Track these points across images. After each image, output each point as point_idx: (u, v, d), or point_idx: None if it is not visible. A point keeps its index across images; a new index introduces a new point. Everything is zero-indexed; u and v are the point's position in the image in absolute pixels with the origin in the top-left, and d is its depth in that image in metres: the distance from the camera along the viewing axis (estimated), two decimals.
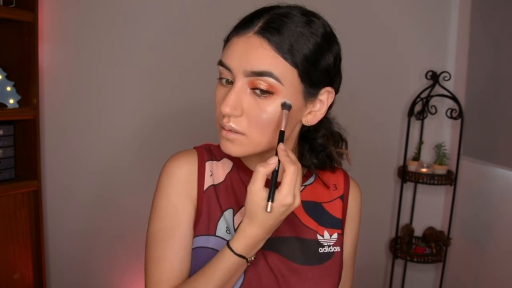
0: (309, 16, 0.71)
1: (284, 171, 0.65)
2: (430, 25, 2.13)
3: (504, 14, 1.76)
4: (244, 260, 0.70)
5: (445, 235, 2.08)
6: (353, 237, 0.89)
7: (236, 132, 0.70)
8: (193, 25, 1.93)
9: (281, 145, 0.66)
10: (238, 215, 0.79)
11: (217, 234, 0.77)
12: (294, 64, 0.69)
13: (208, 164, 0.81)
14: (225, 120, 0.70)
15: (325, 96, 0.75)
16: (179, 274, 0.76)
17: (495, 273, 1.82)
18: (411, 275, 2.24)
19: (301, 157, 0.84)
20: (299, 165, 0.66)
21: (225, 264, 0.70)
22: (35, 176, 1.74)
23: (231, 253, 0.69)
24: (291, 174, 0.64)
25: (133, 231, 1.93)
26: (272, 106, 0.69)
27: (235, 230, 0.77)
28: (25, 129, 1.74)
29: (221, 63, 0.72)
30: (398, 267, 2.23)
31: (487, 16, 1.89)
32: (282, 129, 0.68)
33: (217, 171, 0.82)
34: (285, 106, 0.69)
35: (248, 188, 0.66)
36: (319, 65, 0.71)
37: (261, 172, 0.65)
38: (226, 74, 0.72)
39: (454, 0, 2.11)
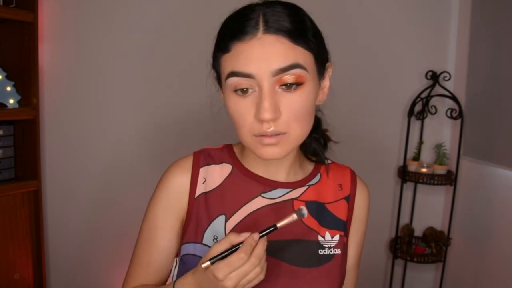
0: (291, 5, 0.72)
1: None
2: (430, 25, 2.13)
3: (504, 14, 1.76)
4: None
5: (445, 235, 2.08)
6: (358, 238, 0.88)
7: (278, 133, 0.69)
8: (194, 26, 1.93)
9: (254, 236, 0.66)
10: (230, 221, 0.78)
11: (203, 242, 0.78)
12: (310, 49, 0.70)
13: (202, 170, 0.81)
14: (265, 126, 0.68)
15: (327, 71, 0.77)
16: (147, 276, 0.80)
17: (495, 273, 1.82)
18: (411, 275, 2.24)
19: (301, 146, 0.83)
20: (254, 262, 0.64)
21: None
22: (35, 176, 1.74)
23: None
24: (236, 259, 0.64)
25: (133, 231, 1.92)
26: (302, 96, 0.69)
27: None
28: (25, 129, 1.74)
29: (237, 74, 0.68)
30: (398, 267, 2.23)
31: (487, 16, 1.89)
32: (278, 226, 0.68)
33: (212, 176, 0.81)
34: (300, 213, 0.69)
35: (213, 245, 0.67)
36: (323, 44, 0.75)
37: (229, 239, 0.66)
38: (245, 84, 0.68)
39: (454, 0, 2.11)
